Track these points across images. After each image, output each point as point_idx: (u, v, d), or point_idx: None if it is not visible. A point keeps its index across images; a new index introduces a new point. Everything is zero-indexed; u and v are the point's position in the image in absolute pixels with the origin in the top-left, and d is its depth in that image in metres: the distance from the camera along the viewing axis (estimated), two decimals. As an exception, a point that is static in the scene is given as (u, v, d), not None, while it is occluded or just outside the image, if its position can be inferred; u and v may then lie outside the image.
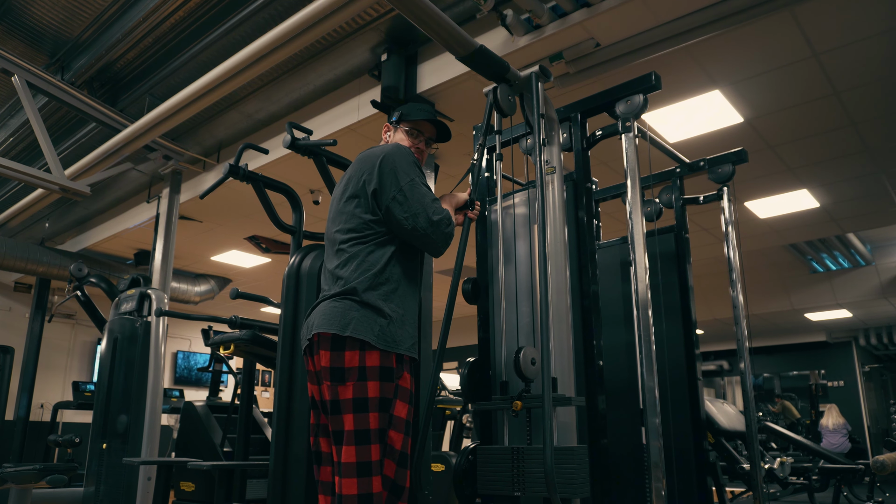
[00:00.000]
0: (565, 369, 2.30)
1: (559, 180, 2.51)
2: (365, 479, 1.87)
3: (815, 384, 12.05)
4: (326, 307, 2.05)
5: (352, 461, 1.88)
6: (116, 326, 4.77)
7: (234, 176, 3.09)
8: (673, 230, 3.50)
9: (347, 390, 1.93)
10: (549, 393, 2.00)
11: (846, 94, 4.51)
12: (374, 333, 1.98)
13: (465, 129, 4.87)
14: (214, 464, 3.21)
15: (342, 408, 1.93)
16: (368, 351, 1.96)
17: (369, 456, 1.89)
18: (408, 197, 2.10)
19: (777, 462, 4.46)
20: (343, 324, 1.97)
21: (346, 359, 1.95)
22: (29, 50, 4.95)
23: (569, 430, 2.24)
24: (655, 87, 2.64)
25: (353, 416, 1.91)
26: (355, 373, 1.94)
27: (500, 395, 2.38)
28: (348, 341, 1.96)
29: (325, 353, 1.98)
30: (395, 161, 2.15)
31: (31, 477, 4.53)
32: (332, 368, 1.96)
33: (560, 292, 2.37)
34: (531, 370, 2.16)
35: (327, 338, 1.98)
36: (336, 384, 1.95)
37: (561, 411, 2.23)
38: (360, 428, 1.91)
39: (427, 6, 2.41)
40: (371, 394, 1.93)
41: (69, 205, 7.44)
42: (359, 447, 1.89)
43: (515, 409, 2.18)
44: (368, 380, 1.94)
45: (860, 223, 7.20)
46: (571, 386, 2.30)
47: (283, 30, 3.60)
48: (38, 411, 9.13)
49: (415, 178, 2.14)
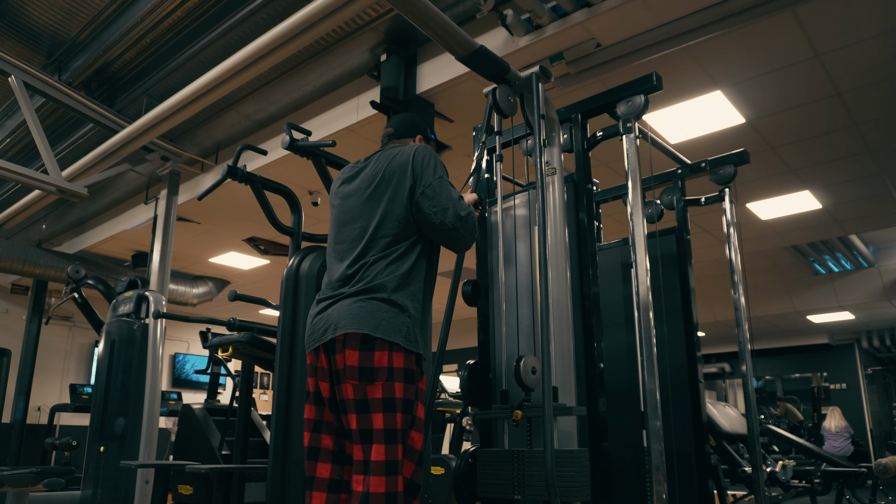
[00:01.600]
0: (566, 376, 2.29)
1: (560, 181, 2.50)
2: (392, 477, 1.90)
3: (817, 387, 12.02)
4: (352, 306, 2.03)
5: (381, 459, 1.90)
6: (114, 329, 4.75)
7: (233, 177, 3.08)
8: (674, 232, 3.49)
9: (377, 390, 1.95)
10: (549, 403, 2.00)
11: (849, 95, 4.49)
12: (402, 335, 2.00)
13: (465, 130, 4.86)
14: (213, 467, 3.20)
15: (371, 407, 1.94)
16: (396, 352, 1.98)
17: (396, 455, 1.92)
18: (437, 192, 2.11)
19: (779, 465, 4.43)
20: (374, 324, 1.98)
21: (375, 359, 1.96)
22: (26, 50, 4.94)
23: (569, 433, 2.24)
24: (656, 87, 2.64)
25: (383, 416, 1.94)
26: (384, 373, 1.96)
27: (501, 405, 2.37)
28: (378, 342, 1.97)
29: (354, 353, 1.98)
30: (427, 158, 2.19)
31: (28, 480, 4.51)
32: (360, 368, 1.97)
33: (560, 294, 2.36)
34: (532, 379, 2.15)
35: (357, 337, 1.98)
36: (365, 383, 1.96)
37: (562, 418, 2.22)
38: (389, 427, 1.93)
39: (427, 6, 2.40)
40: (398, 394, 1.96)
41: (66, 206, 7.42)
42: (388, 446, 1.92)
43: (516, 418, 2.17)
44: (395, 381, 1.97)
45: (862, 225, 7.19)
46: (572, 393, 2.29)
47: (282, 30, 3.59)
48: (34, 414, 9.10)
49: (443, 176, 2.17)
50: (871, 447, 11.78)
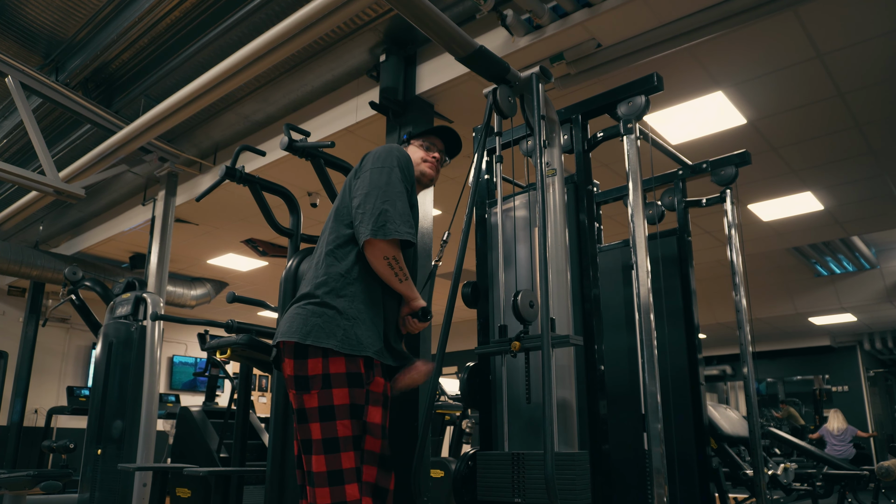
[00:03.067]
0: (567, 380, 2.27)
1: (560, 183, 2.50)
2: (337, 487, 1.82)
3: (819, 389, 12.00)
4: (291, 313, 2.00)
5: (322, 470, 1.83)
6: (111, 331, 4.73)
7: (231, 178, 3.08)
8: (675, 233, 3.49)
9: (312, 398, 1.88)
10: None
11: (851, 96, 4.48)
12: (338, 338, 1.90)
13: (465, 131, 4.81)
14: (211, 470, 3.21)
15: (308, 416, 1.88)
16: (332, 357, 1.90)
17: (340, 464, 1.84)
18: (366, 180, 2.05)
19: (781, 468, 4.41)
20: (305, 331, 1.91)
21: (308, 367, 1.90)
22: (23, 50, 4.93)
23: (570, 436, 2.22)
24: (657, 88, 2.62)
25: (321, 425, 1.86)
26: (319, 380, 1.88)
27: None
28: (310, 349, 1.90)
29: (289, 362, 1.93)
30: (376, 155, 2.12)
31: (25, 483, 4.49)
32: (295, 377, 1.91)
33: (561, 296, 2.34)
34: (530, 313, 2.11)
35: (290, 346, 1.93)
36: (301, 392, 1.90)
37: (562, 423, 2.20)
38: (329, 436, 1.86)
39: (426, 6, 2.39)
40: (338, 401, 1.87)
41: (64, 207, 7.40)
42: (328, 456, 1.84)
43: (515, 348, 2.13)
44: (334, 387, 1.88)
45: (865, 226, 7.18)
46: (573, 394, 2.26)
47: (281, 30, 3.57)
48: (32, 416, 9.09)
49: (385, 167, 2.07)
50: (873, 450, 11.76)
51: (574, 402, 2.28)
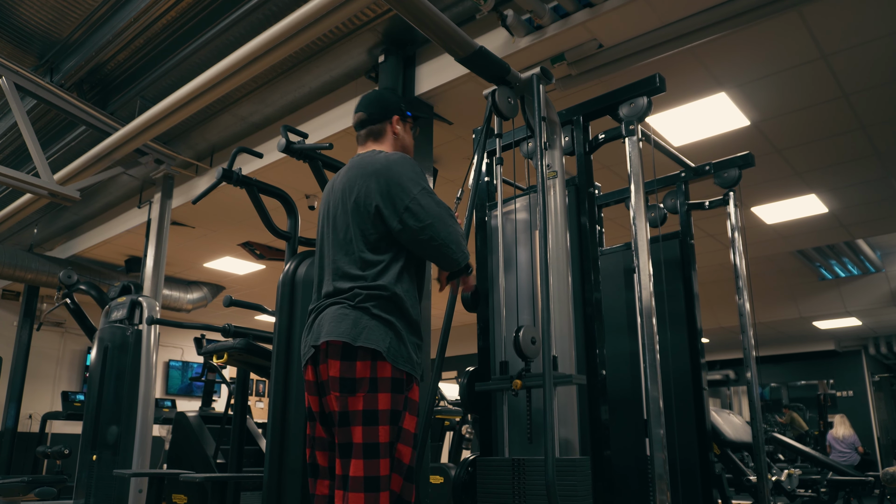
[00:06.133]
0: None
1: (561, 185, 2.51)
2: (372, 494, 1.81)
3: (823, 394, 11.96)
4: (336, 313, 1.98)
5: (360, 475, 1.82)
6: (107, 335, 4.71)
7: (228, 180, 3.09)
8: (678, 236, 3.52)
9: (358, 401, 1.88)
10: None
11: (855, 97, 4.46)
12: (386, 345, 1.92)
13: (465, 133, 4.83)
14: (207, 476, 3.23)
15: (351, 419, 1.88)
16: (380, 362, 1.91)
17: (378, 470, 1.84)
18: (423, 206, 2.02)
19: (785, 474, 4.39)
20: (355, 333, 1.91)
21: (357, 369, 1.89)
22: (17, 51, 4.92)
23: (571, 441, 2.24)
24: (659, 89, 2.65)
25: (363, 429, 1.86)
26: (366, 384, 1.88)
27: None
28: (360, 351, 1.90)
29: (335, 363, 1.92)
30: (403, 171, 2.07)
31: (20, 489, 4.47)
32: (341, 379, 1.90)
33: (562, 300, 2.34)
34: (532, 350, 2.11)
35: (337, 346, 1.92)
36: (346, 395, 1.89)
37: (563, 429, 2.17)
38: (370, 441, 1.86)
39: (425, 6, 2.40)
40: (382, 406, 1.88)
41: (58, 210, 7.39)
42: (367, 461, 1.84)
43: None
44: (380, 391, 1.89)
45: (870, 229, 7.17)
46: (574, 400, 2.23)
47: (279, 31, 3.56)
48: (26, 422, 9.07)
49: (426, 187, 2.07)
50: (878, 456, 11.74)
51: (575, 407, 2.25)
